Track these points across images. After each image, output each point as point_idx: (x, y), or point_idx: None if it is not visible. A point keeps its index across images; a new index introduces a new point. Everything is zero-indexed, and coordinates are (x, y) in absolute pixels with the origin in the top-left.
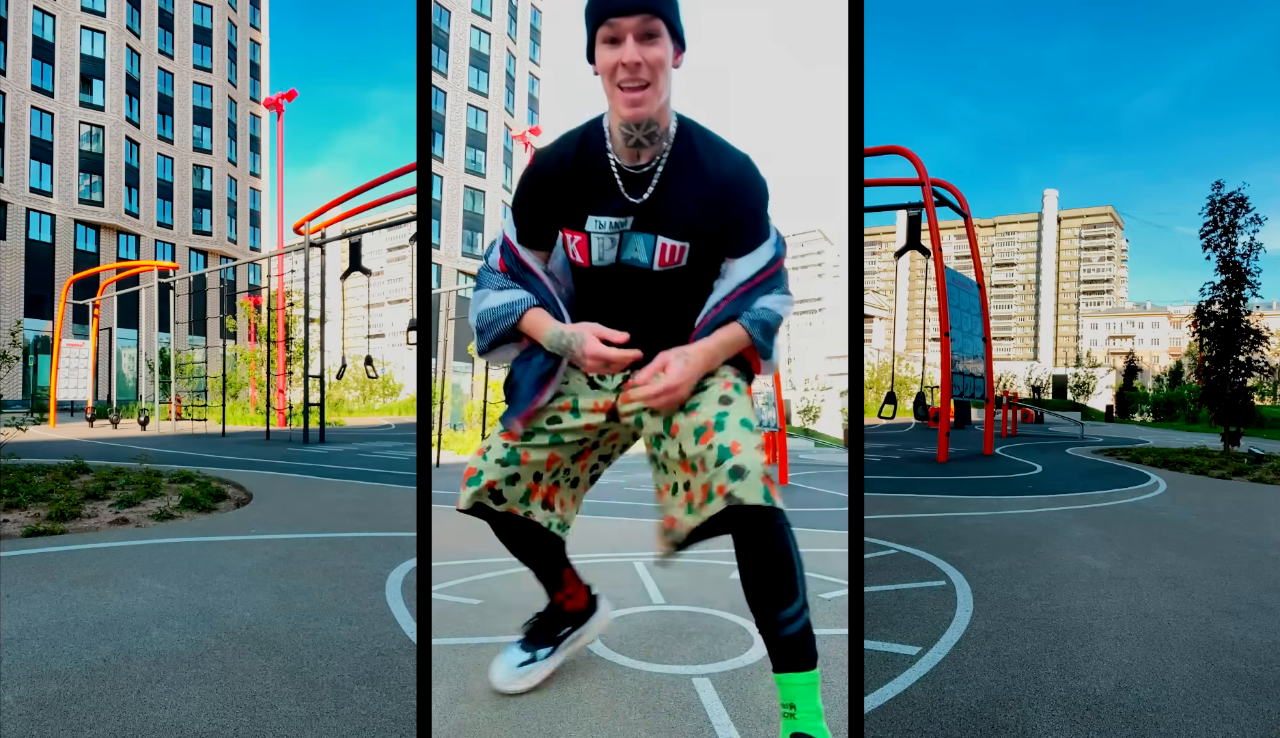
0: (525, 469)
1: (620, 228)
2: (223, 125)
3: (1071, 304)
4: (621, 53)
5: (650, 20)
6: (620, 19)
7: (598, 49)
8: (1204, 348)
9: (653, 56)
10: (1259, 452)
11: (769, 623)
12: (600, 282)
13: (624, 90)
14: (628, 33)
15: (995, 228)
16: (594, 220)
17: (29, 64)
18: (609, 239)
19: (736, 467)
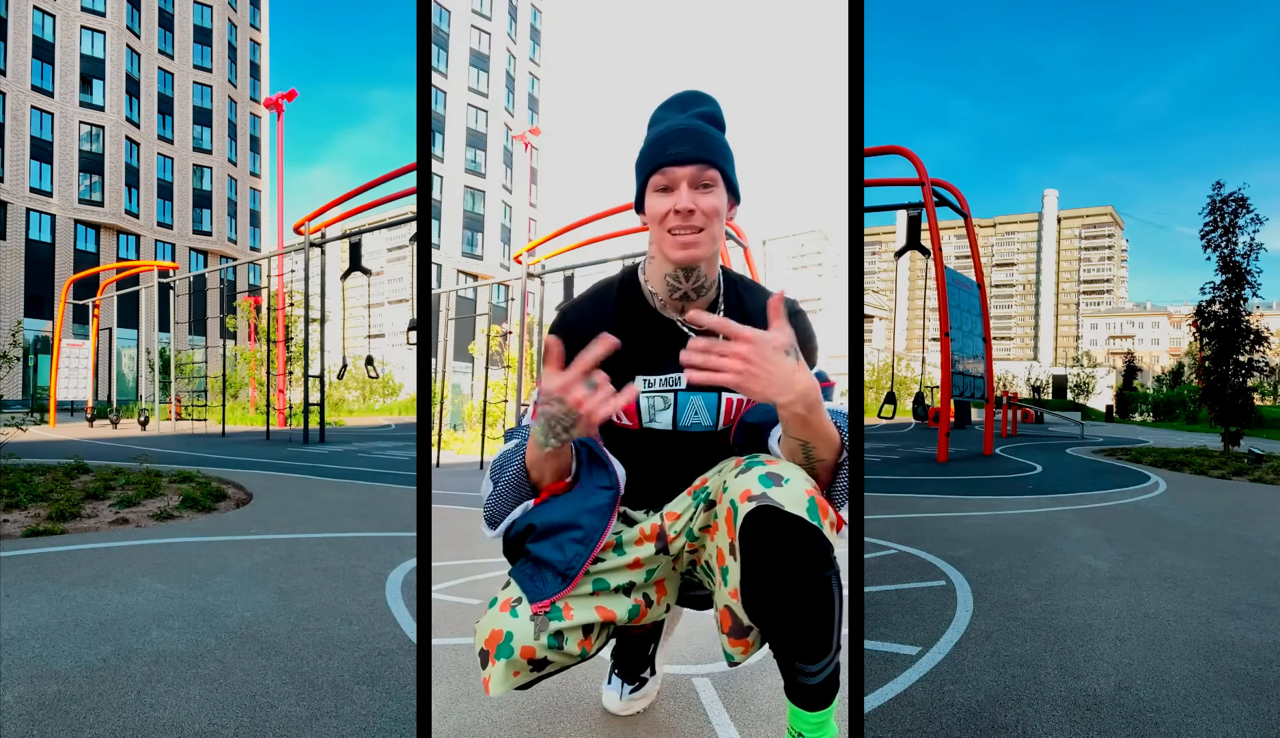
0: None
1: (673, 387)
2: (223, 125)
3: (1071, 304)
4: (675, 199)
5: (706, 170)
6: (675, 168)
7: (649, 197)
8: (1204, 348)
9: (708, 204)
10: (1259, 452)
11: (791, 668)
12: (651, 444)
13: (675, 235)
14: (682, 181)
15: (995, 228)
16: (642, 380)
17: (29, 64)
18: (660, 399)
19: (772, 474)
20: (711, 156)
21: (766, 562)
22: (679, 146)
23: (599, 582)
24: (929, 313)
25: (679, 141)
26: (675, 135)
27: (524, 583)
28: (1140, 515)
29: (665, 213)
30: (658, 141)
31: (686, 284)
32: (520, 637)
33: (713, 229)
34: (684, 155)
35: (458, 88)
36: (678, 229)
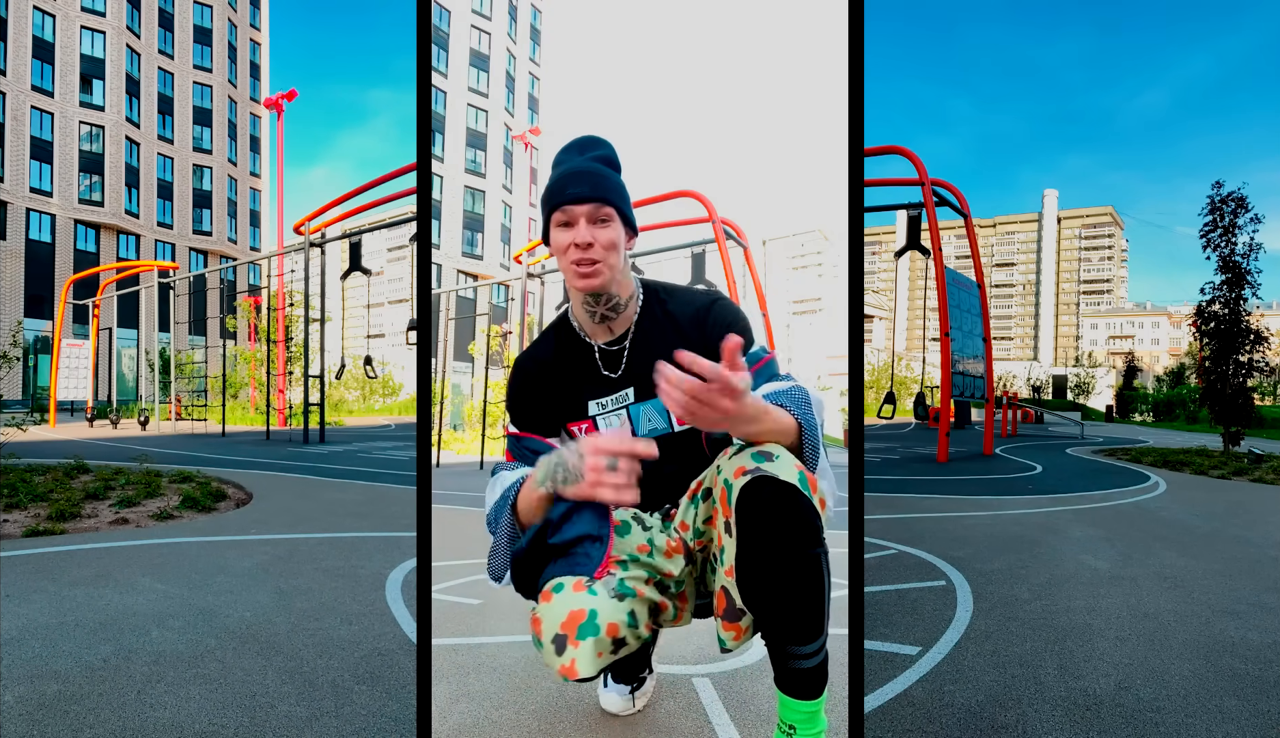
0: (639, 603)
1: (624, 403)
2: (223, 125)
3: (1071, 304)
4: (574, 235)
5: (602, 207)
6: (573, 206)
7: (553, 232)
8: (1204, 348)
9: (604, 238)
10: (1259, 452)
11: (782, 653)
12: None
13: (577, 266)
14: (580, 217)
15: (995, 228)
16: (595, 404)
17: (29, 64)
18: (615, 417)
19: (764, 451)
20: (607, 195)
21: (762, 532)
22: (576, 187)
23: (649, 571)
24: (929, 313)
25: (576, 182)
26: (573, 177)
27: (570, 570)
28: (1140, 515)
29: (566, 246)
30: (558, 182)
31: (600, 306)
32: (605, 614)
33: (610, 259)
34: (581, 195)
35: (458, 88)
36: (578, 261)
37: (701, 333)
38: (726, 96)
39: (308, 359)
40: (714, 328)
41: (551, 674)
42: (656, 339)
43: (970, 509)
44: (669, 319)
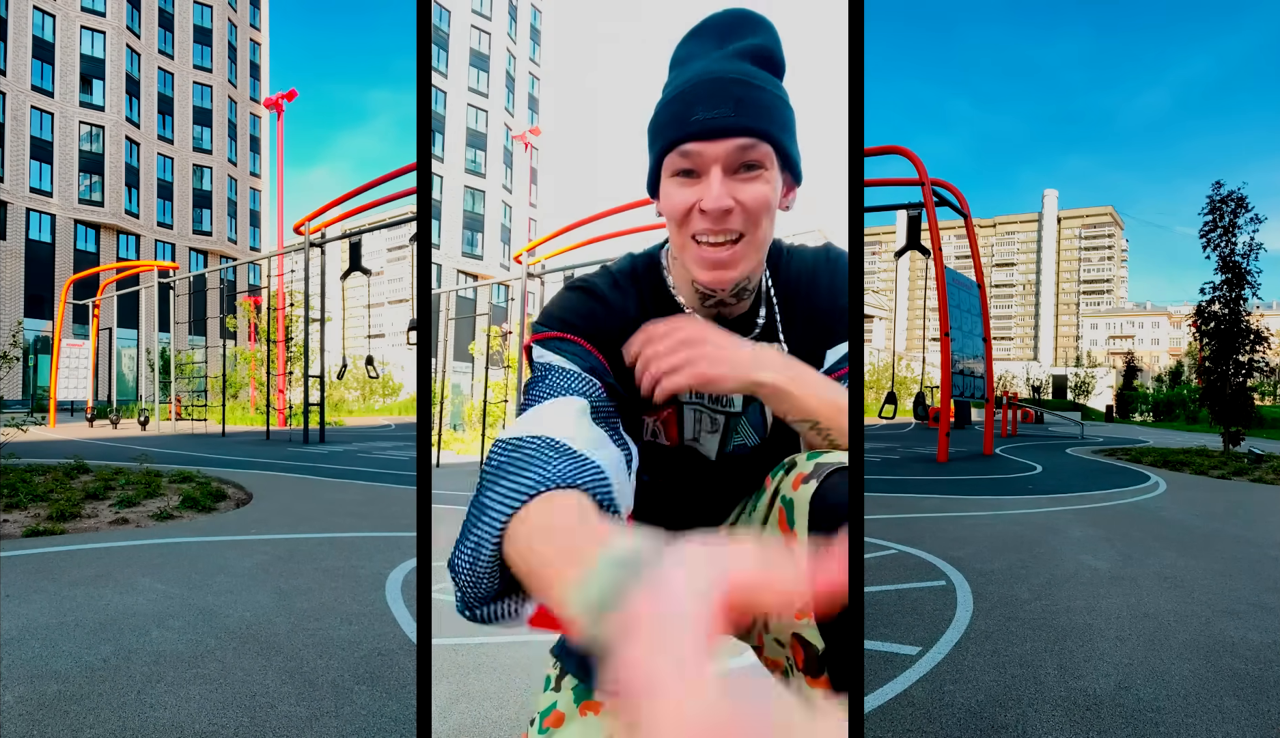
0: None
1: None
2: (223, 125)
3: (1071, 304)
4: (703, 192)
5: (752, 148)
6: (704, 143)
7: (666, 184)
8: (1204, 348)
9: (752, 197)
10: (1259, 452)
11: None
12: (688, 467)
13: (702, 245)
14: (713, 165)
15: (995, 228)
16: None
17: (29, 64)
18: (709, 418)
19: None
20: (759, 123)
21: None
22: (710, 109)
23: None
24: (929, 313)
25: (711, 99)
26: (706, 90)
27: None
28: (1140, 515)
29: (688, 210)
30: (680, 98)
31: (722, 293)
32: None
33: (757, 235)
34: (718, 124)
35: (458, 88)
36: (705, 236)
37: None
38: None
39: (308, 359)
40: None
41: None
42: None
43: (970, 509)
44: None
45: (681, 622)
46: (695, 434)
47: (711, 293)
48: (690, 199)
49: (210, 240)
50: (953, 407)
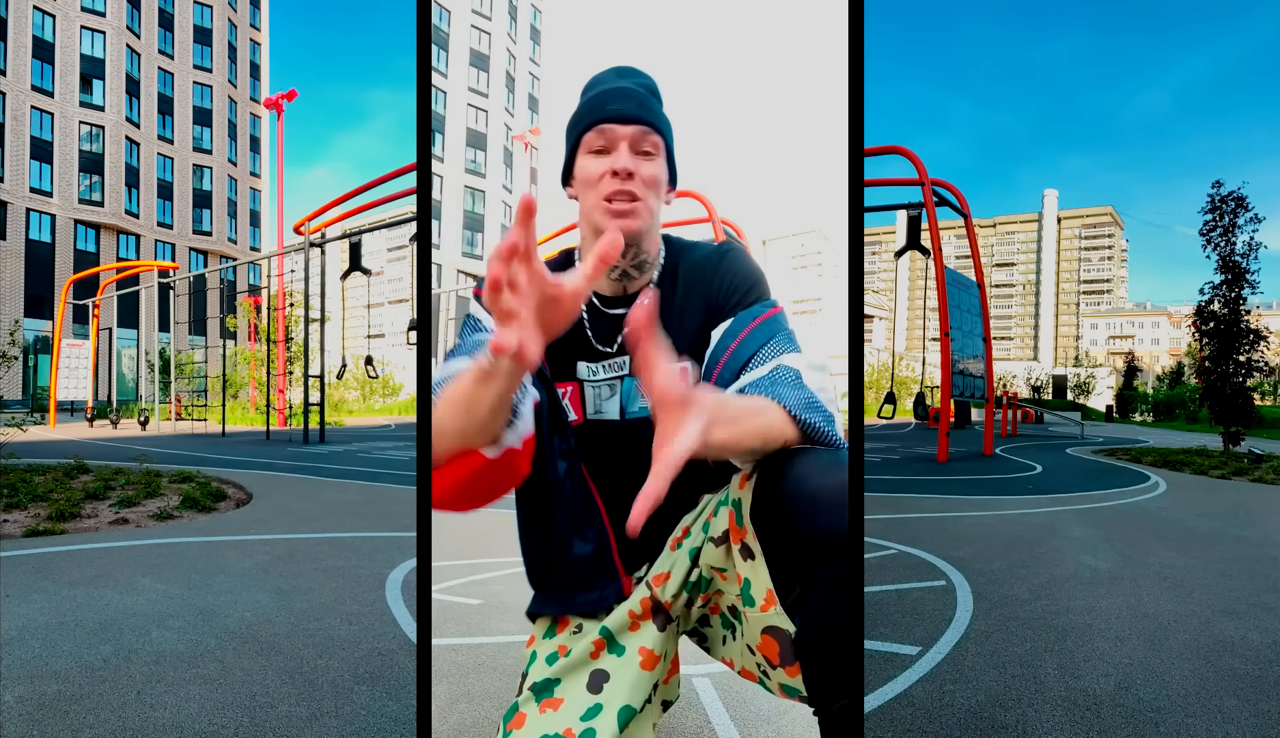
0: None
1: (619, 372)
2: (223, 125)
3: (1071, 304)
4: (613, 160)
5: (649, 134)
6: (615, 125)
7: (581, 160)
8: (1204, 348)
9: (648, 172)
10: (1259, 452)
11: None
12: (599, 439)
13: (610, 203)
14: (621, 142)
15: (995, 228)
16: (585, 367)
17: (29, 64)
18: (606, 387)
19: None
20: (656, 121)
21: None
22: (620, 103)
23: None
24: (929, 313)
25: (621, 99)
26: (616, 94)
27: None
28: (1140, 515)
29: (601, 174)
30: (596, 98)
31: (624, 261)
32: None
33: (650, 200)
34: (625, 113)
35: (458, 88)
36: (614, 195)
37: (707, 291)
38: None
39: (308, 359)
40: (721, 285)
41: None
42: (668, 305)
43: (970, 509)
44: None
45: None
46: (597, 406)
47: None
48: (603, 167)
49: (210, 240)
50: (953, 407)
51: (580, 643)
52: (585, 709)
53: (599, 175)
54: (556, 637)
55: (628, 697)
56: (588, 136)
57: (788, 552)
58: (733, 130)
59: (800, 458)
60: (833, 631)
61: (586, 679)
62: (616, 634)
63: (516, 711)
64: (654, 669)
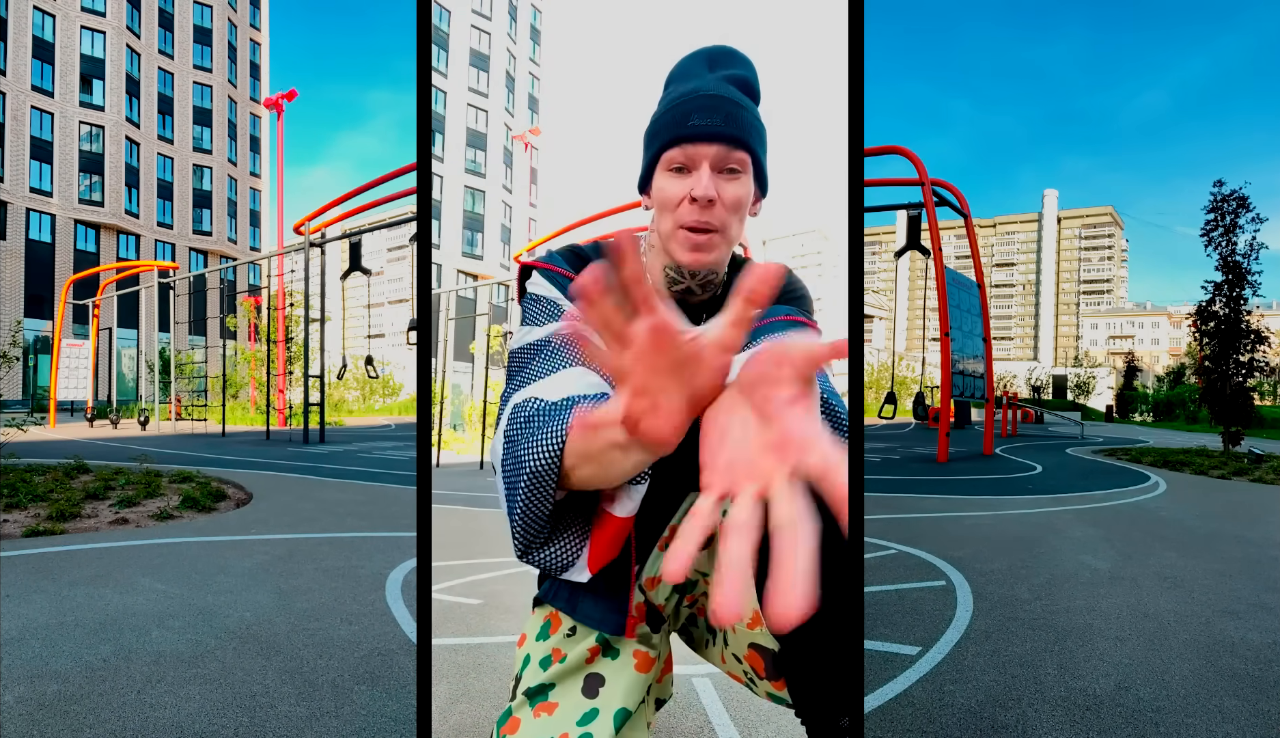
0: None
1: None
2: (223, 125)
3: (1071, 304)
4: (693, 184)
5: (735, 151)
6: (698, 144)
7: (659, 177)
8: (1204, 348)
9: (731, 195)
10: (1259, 452)
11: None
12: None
13: (687, 230)
14: (703, 161)
15: (995, 228)
16: None
17: (29, 64)
18: None
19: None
20: (743, 134)
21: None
22: (705, 117)
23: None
24: (929, 313)
25: (705, 111)
26: (702, 102)
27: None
28: (1140, 516)
29: (680, 199)
30: (678, 107)
31: (690, 280)
32: None
33: (732, 227)
34: (710, 129)
35: (458, 88)
36: (694, 225)
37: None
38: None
39: (308, 359)
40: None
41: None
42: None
43: (970, 509)
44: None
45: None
46: None
47: (681, 278)
48: (682, 190)
49: (210, 240)
50: (953, 407)
51: (575, 648)
52: (581, 714)
53: (677, 200)
54: (550, 640)
55: (623, 700)
56: (669, 152)
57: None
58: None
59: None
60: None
61: (582, 684)
62: (612, 639)
63: (510, 715)
64: (649, 671)
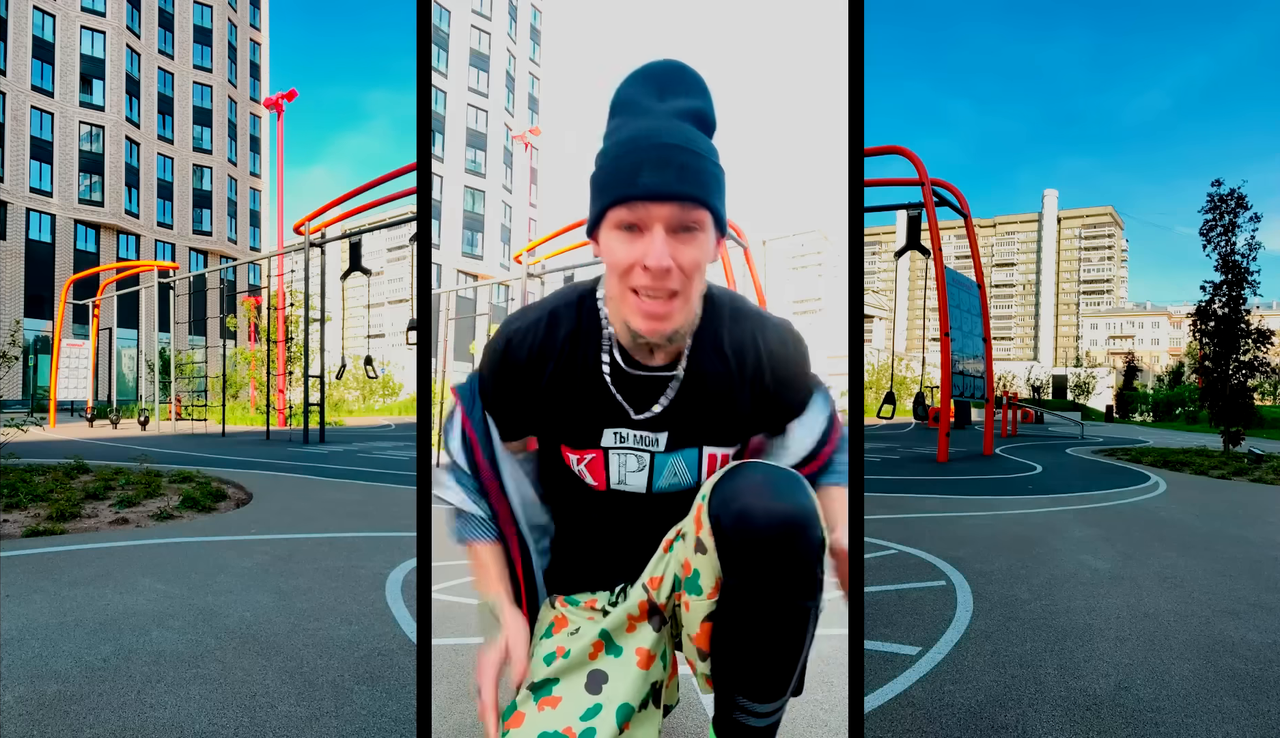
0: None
1: (650, 447)
2: (223, 125)
3: (1071, 304)
4: (645, 249)
5: (692, 211)
6: (650, 205)
7: (607, 234)
8: (1204, 348)
9: (689, 259)
10: (1259, 452)
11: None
12: (620, 507)
13: (641, 298)
14: (656, 223)
15: (995, 228)
16: (611, 434)
17: (29, 64)
18: (633, 458)
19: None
20: (700, 193)
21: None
22: (657, 174)
23: (623, 709)
24: (929, 313)
25: (657, 166)
26: (653, 156)
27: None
28: (1140, 516)
29: (630, 266)
30: (626, 158)
31: (654, 339)
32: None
33: (690, 290)
34: (664, 189)
35: (458, 88)
36: (645, 291)
37: (742, 368)
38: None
39: (308, 359)
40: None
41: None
42: (710, 377)
43: (970, 509)
44: (721, 357)
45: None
46: (621, 477)
47: (643, 339)
48: (633, 255)
49: (210, 240)
50: (953, 407)
51: (578, 644)
52: (585, 709)
53: (627, 265)
54: (554, 638)
55: (626, 696)
56: (616, 210)
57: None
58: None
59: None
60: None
61: (585, 680)
62: (614, 635)
63: (515, 710)
64: (650, 668)
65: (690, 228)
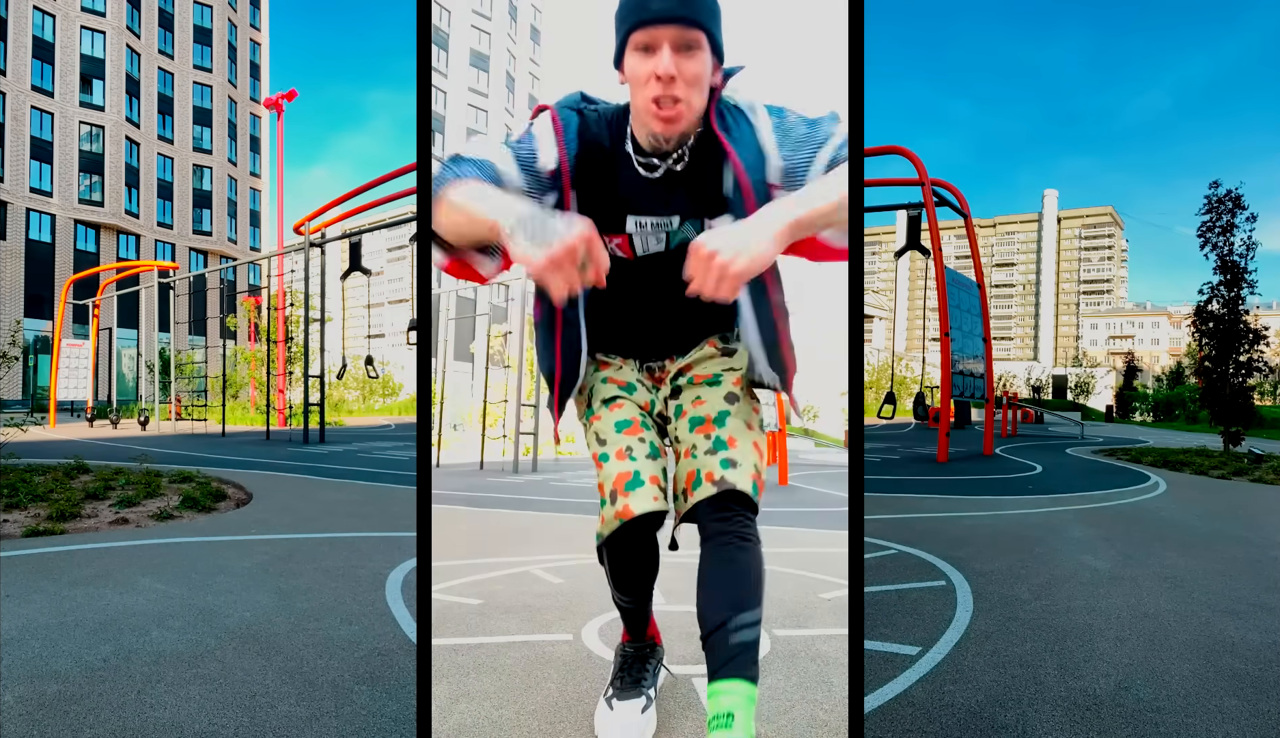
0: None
1: (666, 227)
2: (223, 125)
3: (1071, 304)
4: (656, 63)
5: (689, 31)
6: (656, 27)
7: (628, 57)
8: (1203, 348)
9: (690, 71)
10: (1259, 452)
11: (724, 626)
12: (646, 271)
13: (657, 104)
14: (664, 41)
15: (995, 228)
16: (634, 221)
17: (29, 64)
18: (654, 237)
19: (730, 458)
20: (696, 15)
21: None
22: (661, 1)
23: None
24: (929, 313)
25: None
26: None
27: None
28: (1140, 515)
29: (646, 77)
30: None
31: (665, 144)
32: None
33: (693, 98)
34: (667, 12)
35: (458, 88)
36: (658, 98)
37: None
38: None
39: (308, 359)
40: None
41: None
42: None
43: (970, 509)
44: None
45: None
46: (645, 248)
47: (659, 141)
48: (648, 69)
49: (210, 240)
50: (953, 407)
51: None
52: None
53: (644, 78)
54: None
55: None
56: (634, 35)
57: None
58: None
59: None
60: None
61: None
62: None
63: (593, 414)
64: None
65: (691, 46)
